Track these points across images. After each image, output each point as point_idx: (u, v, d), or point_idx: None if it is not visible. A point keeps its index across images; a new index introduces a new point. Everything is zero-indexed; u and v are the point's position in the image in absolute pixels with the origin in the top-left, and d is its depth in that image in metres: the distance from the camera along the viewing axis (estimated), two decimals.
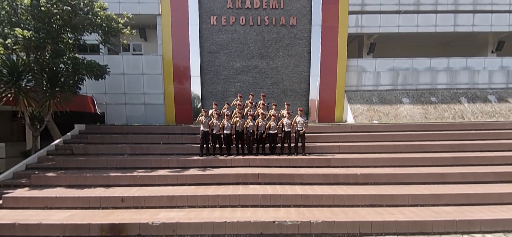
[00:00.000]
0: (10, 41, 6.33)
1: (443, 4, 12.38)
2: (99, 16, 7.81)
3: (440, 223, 4.68)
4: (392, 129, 8.88)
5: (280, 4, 12.08)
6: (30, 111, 7.54)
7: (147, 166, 6.65)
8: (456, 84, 12.61)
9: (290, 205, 5.20)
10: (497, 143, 7.85)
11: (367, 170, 6.35)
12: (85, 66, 8.24)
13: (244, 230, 4.53)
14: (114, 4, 11.25)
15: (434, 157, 7.06)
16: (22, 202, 5.39)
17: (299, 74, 12.31)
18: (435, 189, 5.65)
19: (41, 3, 6.52)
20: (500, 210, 5.14)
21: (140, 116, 12.27)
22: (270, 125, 7.23)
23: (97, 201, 5.29)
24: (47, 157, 7.28)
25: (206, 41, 12.18)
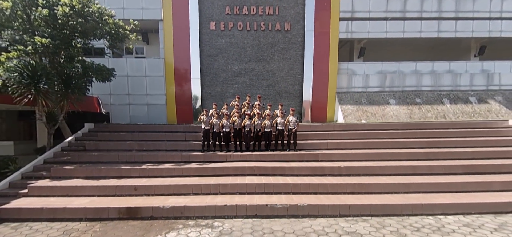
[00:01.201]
0: (30, 48, 7.08)
1: (428, 12, 13.31)
2: (108, 24, 8.57)
3: (408, 207, 5.56)
4: (376, 128, 9.77)
5: (276, 11, 12.92)
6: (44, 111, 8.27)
7: (154, 161, 7.45)
8: (440, 86, 13.57)
9: (281, 192, 6.04)
10: (468, 140, 8.77)
11: (350, 164, 7.22)
12: (95, 69, 9.02)
13: (242, 212, 5.36)
14: (119, 10, 12.00)
15: (410, 152, 7.96)
16: (45, 191, 6.16)
17: (293, 76, 13.17)
18: (407, 179, 6.53)
19: (58, 16, 7.28)
20: (461, 196, 6.03)
21: (143, 116, 13.03)
22: (265, 124, 8.06)
23: (112, 189, 6.08)
24: (62, 152, 8.03)
25: (205, 45, 12.98)
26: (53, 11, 7.30)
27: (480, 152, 8.02)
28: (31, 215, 5.42)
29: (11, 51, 7.48)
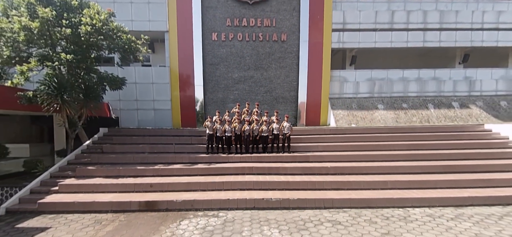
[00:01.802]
0: (57, 63, 8.11)
1: (414, 23, 14.39)
2: (122, 40, 9.60)
3: (382, 200, 6.60)
4: (364, 132, 10.81)
5: (273, 23, 13.97)
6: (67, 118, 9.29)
7: (165, 162, 8.48)
8: (425, 92, 14.64)
9: (275, 188, 7.08)
10: (445, 143, 9.81)
11: (337, 164, 8.26)
12: (109, 79, 10.06)
13: (242, 205, 6.40)
14: (128, 22, 13.04)
15: (391, 154, 9.01)
16: (73, 188, 7.19)
17: (289, 83, 14.22)
18: (385, 178, 7.57)
19: (81, 34, 8.31)
20: (430, 192, 7.06)
21: (150, 120, 14.06)
22: (262, 129, 9.10)
23: (131, 186, 7.12)
24: (82, 154, 9.05)
25: (208, 55, 14.03)
26: (77, 30, 8.33)
27: (454, 154, 9.07)
28: (64, 208, 6.45)
29: (31, 62, 8.55)
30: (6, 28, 8.11)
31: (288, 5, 13.96)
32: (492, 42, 14.71)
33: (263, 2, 13.85)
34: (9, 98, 8.38)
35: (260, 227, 5.38)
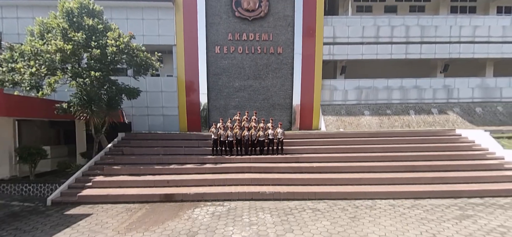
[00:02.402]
0: (88, 79, 9.71)
1: (397, 37, 16.00)
2: (139, 57, 11.19)
3: (355, 193, 8.19)
4: (349, 136, 12.39)
5: (270, 37, 15.58)
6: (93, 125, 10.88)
7: (178, 162, 10.07)
8: (407, 99, 16.25)
9: (270, 184, 8.66)
10: (417, 146, 11.39)
11: (322, 164, 9.85)
12: (127, 90, 11.65)
13: (242, 197, 8.00)
14: (140, 36, 14.63)
15: (370, 155, 10.59)
16: (104, 184, 8.78)
17: (285, 91, 15.82)
18: (361, 175, 9.17)
19: (108, 54, 9.92)
20: (396, 187, 8.63)
21: (159, 125, 15.67)
22: (259, 134, 10.68)
23: (152, 182, 8.71)
24: (106, 156, 10.65)
25: (211, 66, 15.63)
26: (104, 51, 9.93)
27: (422, 155, 10.65)
28: (99, 200, 8.04)
29: (56, 74, 10.14)
30: (43, 49, 9.70)
31: (283, 21, 15.57)
32: (468, 54, 16.33)
33: (262, 19, 15.46)
34: (48, 108, 9.99)
35: (256, 213, 6.97)
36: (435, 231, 5.87)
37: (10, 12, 15.42)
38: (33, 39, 10.09)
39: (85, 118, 10.01)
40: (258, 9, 15.34)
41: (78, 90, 9.90)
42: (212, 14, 15.44)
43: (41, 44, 9.87)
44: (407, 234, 5.69)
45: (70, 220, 6.79)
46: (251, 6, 15.29)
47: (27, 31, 10.48)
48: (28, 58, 9.87)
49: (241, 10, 15.32)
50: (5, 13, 15.43)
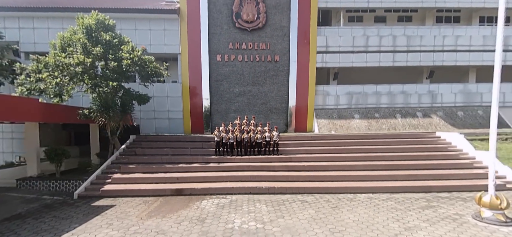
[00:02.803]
0: (107, 89, 11.04)
1: (385, 46, 17.38)
2: (150, 68, 12.54)
3: (339, 188, 9.55)
4: (339, 138, 13.76)
5: (267, 46, 16.94)
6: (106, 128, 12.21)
7: (185, 161, 11.41)
8: (395, 104, 17.63)
9: (265, 180, 10.01)
10: (398, 147, 12.76)
11: (312, 163, 11.22)
12: (138, 97, 13.00)
13: (241, 191, 9.36)
14: (147, 45, 15.86)
15: (354, 155, 11.95)
16: (122, 180, 10.13)
17: (281, 96, 17.19)
18: (345, 173, 10.53)
19: (123, 66, 11.26)
20: (374, 183, 9.99)
21: (165, 127, 17.02)
22: (257, 137, 12.04)
23: (163, 179, 10.06)
24: (121, 156, 11.99)
25: (213, 73, 16.99)
26: (120, 63, 11.28)
27: (401, 155, 12.02)
28: (119, 194, 9.39)
29: (77, 84, 11.49)
30: (66, 62, 11.04)
31: (280, 32, 16.94)
32: (451, 62, 17.72)
33: (260, 29, 16.83)
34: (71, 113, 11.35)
35: (253, 204, 8.33)
36: (400, 217, 7.23)
37: (27, 22, 16.75)
38: (57, 53, 11.43)
39: (103, 123, 11.35)
40: (256, 21, 16.71)
41: (97, 98, 11.23)
42: (214, 25, 16.80)
43: (64, 57, 11.22)
44: (376, 219, 7.05)
45: (97, 210, 8.14)
46: (250, 18, 16.66)
47: (50, 45, 11.82)
48: (52, 69, 11.21)
49: (241, 21, 16.68)
50: (22, 23, 16.75)
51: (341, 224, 6.70)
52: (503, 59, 17.24)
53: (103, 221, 7.14)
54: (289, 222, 6.86)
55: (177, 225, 6.75)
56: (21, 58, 16.71)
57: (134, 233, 6.28)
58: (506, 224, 6.64)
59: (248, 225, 6.67)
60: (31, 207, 8.63)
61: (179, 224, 6.82)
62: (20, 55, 16.78)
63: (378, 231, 6.26)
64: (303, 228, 6.42)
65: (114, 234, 6.25)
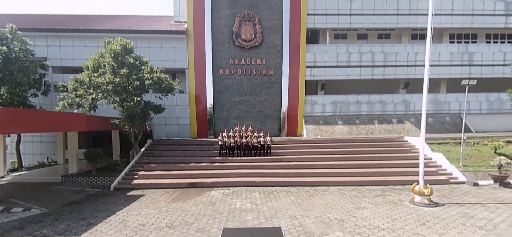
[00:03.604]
0: (131, 103, 13.81)
1: (365, 61, 20.25)
2: (165, 83, 15.31)
3: (316, 182, 12.40)
4: (323, 142, 16.60)
5: (263, 62, 19.77)
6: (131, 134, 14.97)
7: (195, 162, 14.21)
8: (373, 111, 20.51)
9: (260, 176, 12.84)
10: (370, 149, 15.63)
11: (298, 162, 14.05)
12: (155, 107, 15.77)
13: (241, 184, 12.20)
14: (158, 61, 18.83)
15: (334, 156, 14.80)
16: (147, 177, 12.93)
17: (275, 105, 20.02)
18: (324, 170, 13.37)
19: (146, 84, 14.04)
20: (345, 179, 12.84)
21: (174, 132, 19.80)
22: (254, 141, 14.86)
23: (179, 175, 12.87)
24: (142, 157, 14.77)
25: (216, 84, 19.79)
26: (143, 82, 14.07)
27: (372, 156, 14.89)
28: (146, 186, 12.19)
29: (107, 99, 14.25)
30: (99, 82, 13.79)
31: (274, 49, 19.77)
32: (422, 75, 20.51)
33: (256, 47, 19.65)
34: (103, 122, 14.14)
35: (250, 193, 11.15)
36: (356, 201, 10.07)
37: (54, 41, 19.48)
38: (90, 73, 14.19)
39: (128, 130, 14.14)
40: (253, 40, 19.54)
41: (124, 111, 14.01)
42: (216, 43, 19.61)
43: (96, 76, 14.00)
44: (338, 203, 9.88)
45: (133, 198, 10.94)
46: (248, 37, 19.49)
47: (84, 66, 14.56)
48: (87, 87, 13.97)
49: (240, 40, 19.50)
50: (50, 42, 19.48)
51: (312, 205, 9.55)
52: (468, 72, 20.24)
53: (141, 205, 9.95)
54: (275, 204, 9.70)
55: (195, 206, 9.57)
56: (49, 72, 19.47)
57: (166, 211, 9.09)
58: (429, 206, 9.50)
59: (246, 206, 9.52)
60: (80, 196, 11.42)
61: (196, 205, 9.65)
62: (48, 69, 19.51)
63: (336, 209, 9.11)
64: (284, 208, 9.26)
65: (152, 212, 9.06)
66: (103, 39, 15.03)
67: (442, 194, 11.15)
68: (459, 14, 20.61)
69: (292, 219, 8.17)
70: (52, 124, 11.41)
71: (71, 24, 20.95)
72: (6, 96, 15.47)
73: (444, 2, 20.51)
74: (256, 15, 19.57)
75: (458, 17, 20.69)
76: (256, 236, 6.20)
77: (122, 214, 8.88)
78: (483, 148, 15.57)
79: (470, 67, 20.87)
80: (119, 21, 22.15)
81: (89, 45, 19.32)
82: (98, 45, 19.01)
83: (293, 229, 7.34)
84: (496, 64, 20.98)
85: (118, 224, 7.98)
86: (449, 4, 20.56)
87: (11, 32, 16.35)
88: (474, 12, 20.70)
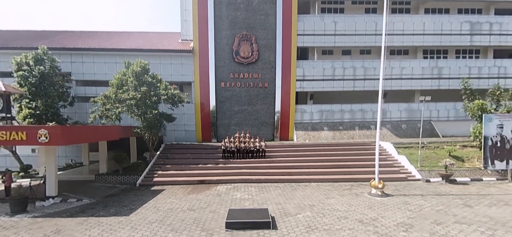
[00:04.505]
0: (150, 115, 17.10)
1: (347, 75, 23.64)
2: (176, 97, 18.62)
3: (301, 179, 15.79)
4: (310, 146, 19.97)
5: (259, 76, 23.11)
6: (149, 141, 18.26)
7: (202, 163, 17.54)
8: (354, 119, 23.94)
9: (255, 175, 16.20)
10: (348, 152, 19.02)
11: (287, 163, 17.43)
12: (168, 117, 19.07)
13: (240, 181, 15.57)
14: (168, 75, 22.14)
15: (318, 158, 18.18)
16: (164, 175, 16.26)
17: (269, 114, 23.39)
18: (307, 170, 16.76)
19: (162, 100, 17.35)
20: (325, 176, 16.23)
21: (182, 137, 23.12)
22: (251, 146, 18.22)
23: (190, 174, 16.22)
24: (158, 160, 18.09)
25: (218, 95, 23.12)
26: (160, 98, 17.39)
27: (348, 157, 18.28)
28: (165, 183, 15.52)
29: (130, 112, 17.55)
30: (124, 98, 17.07)
31: (268, 65, 23.13)
32: (398, 87, 24.06)
33: (253, 63, 23.00)
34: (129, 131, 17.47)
35: (247, 188, 14.52)
36: (327, 193, 13.43)
37: (77, 58, 22.72)
38: (115, 90, 17.46)
39: (147, 137, 17.44)
40: (251, 57, 22.88)
41: (144, 121, 17.30)
42: (219, 59, 22.93)
43: (121, 93, 17.28)
44: (314, 194, 13.24)
45: (156, 191, 14.25)
46: (246, 55, 22.83)
47: (110, 84, 17.82)
48: (113, 101, 17.25)
49: (239, 57, 22.83)
50: (74, 59, 22.73)
51: (293, 196, 12.93)
52: (438, 84, 23.67)
53: (164, 196, 13.28)
54: (266, 195, 13.07)
55: (206, 197, 12.92)
56: (73, 85, 22.70)
57: (185, 200, 12.42)
58: (381, 196, 12.89)
59: (244, 196, 12.89)
60: (114, 190, 14.72)
61: (207, 196, 12.99)
62: (72, 83, 22.74)
63: (311, 199, 12.49)
64: (273, 198, 12.63)
65: (175, 201, 12.39)
66: (124, 61, 18.32)
67: (398, 188, 14.54)
68: (429, 34, 24.04)
69: (277, 205, 11.55)
70: (97, 135, 14.81)
71: (91, 41, 24.22)
72: (42, 108, 18.78)
73: (416, 23, 23.96)
74: (253, 35, 22.90)
75: (429, 36, 24.12)
76: (251, 213, 9.57)
77: (153, 202, 12.22)
78: (440, 151, 19.02)
79: (439, 79, 24.34)
80: (134, 39, 25.41)
81: (108, 61, 22.59)
82: (115, 61, 22.36)
83: (277, 211, 10.72)
84: (462, 77, 24.36)
85: (152, 209, 11.32)
86: (421, 25, 23.98)
87: (44, 53, 19.66)
88: (442, 32, 24.15)
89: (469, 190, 14.08)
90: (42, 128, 10.81)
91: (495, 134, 15.81)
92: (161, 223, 9.62)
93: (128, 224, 9.59)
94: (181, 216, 10.26)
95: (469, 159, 18.17)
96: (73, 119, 21.49)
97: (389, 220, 9.73)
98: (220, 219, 9.82)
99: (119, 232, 8.91)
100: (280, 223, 9.36)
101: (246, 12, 22.87)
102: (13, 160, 19.59)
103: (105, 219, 10.17)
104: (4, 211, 11.27)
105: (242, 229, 8.62)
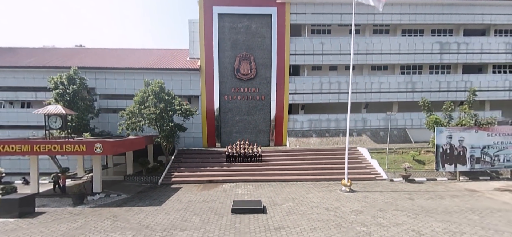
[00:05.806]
0: (168, 127, 21.38)
1: (333, 89, 27.94)
2: (188, 111, 22.92)
3: (292, 179, 20.13)
4: (301, 151, 24.29)
5: (257, 90, 27.42)
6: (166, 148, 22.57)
7: (209, 166, 21.87)
8: (339, 127, 28.27)
9: (253, 175, 20.51)
10: (330, 156, 23.35)
11: (279, 166, 21.76)
12: (181, 127, 23.37)
13: (241, 180, 19.90)
14: (178, 90, 26.46)
15: (306, 161, 22.51)
16: (180, 176, 20.60)
17: (266, 123, 27.71)
18: (298, 171, 21.10)
19: (177, 113, 21.65)
20: (311, 177, 20.57)
21: (191, 143, 27.45)
22: (249, 151, 22.53)
23: (200, 175, 20.57)
24: (174, 163, 22.41)
25: (222, 107, 27.43)
26: (175, 112, 21.71)
27: (330, 161, 22.60)
28: (181, 182, 19.86)
29: (151, 125, 21.85)
30: (145, 112, 21.35)
31: (265, 80, 27.44)
32: (377, 99, 28.38)
33: (252, 79, 27.31)
34: (150, 140, 21.82)
35: (247, 186, 18.85)
36: (308, 189, 17.75)
37: (100, 75, 27.02)
38: (138, 106, 21.73)
39: (164, 145, 21.74)
40: (249, 74, 27.17)
41: (162, 131, 21.61)
42: (222, 76, 27.23)
43: (143, 109, 21.58)
44: (298, 191, 17.54)
45: (176, 189, 18.56)
46: (246, 72, 27.12)
47: (134, 100, 22.10)
48: (137, 116, 21.55)
49: (240, 74, 27.13)
50: (97, 75, 27.01)
51: (282, 192, 17.26)
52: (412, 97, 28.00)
53: (183, 192, 17.61)
54: (261, 191, 17.42)
55: (215, 192, 17.25)
56: (97, 99, 26.99)
57: (199, 195, 16.73)
58: (348, 192, 17.21)
59: (244, 192, 17.23)
60: (142, 188, 19.02)
61: (215, 192, 17.32)
62: (96, 97, 27.02)
63: (295, 193, 16.81)
64: (266, 193, 16.96)
65: (192, 195, 16.71)
66: (144, 80, 22.63)
67: (365, 186, 18.88)
68: (404, 53, 28.33)
69: (269, 198, 15.89)
70: (131, 145, 19.10)
71: (111, 59, 28.51)
72: (76, 121, 23.10)
73: (393, 44, 28.24)
74: (251, 55, 27.17)
75: (404, 55, 28.41)
76: (249, 203, 13.90)
77: (176, 196, 16.56)
78: (407, 155, 23.37)
79: (413, 92, 28.64)
80: (147, 56, 29.71)
81: (127, 78, 26.88)
82: (134, 78, 26.68)
83: (268, 202, 15.06)
84: (433, 90, 28.76)
85: (176, 201, 15.65)
86: (397, 45, 28.26)
87: (75, 73, 23.97)
88: (416, 51, 28.43)
89: (421, 188, 18.41)
90: (97, 142, 15.09)
91: (445, 143, 20.16)
92: (185, 210, 13.95)
93: (162, 211, 13.92)
94: (199, 206, 14.60)
95: (430, 163, 22.52)
96: (99, 128, 25.82)
97: (347, 208, 14.05)
98: (227, 207, 14.16)
99: (158, 216, 13.24)
100: (270, 210, 13.70)
101: (246, 35, 27.14)
102: (45, 163, 23.95)
103: (144, 208, 14.50)
104: (67, 203, 15.61)
105: (243, 213, 12.96)
